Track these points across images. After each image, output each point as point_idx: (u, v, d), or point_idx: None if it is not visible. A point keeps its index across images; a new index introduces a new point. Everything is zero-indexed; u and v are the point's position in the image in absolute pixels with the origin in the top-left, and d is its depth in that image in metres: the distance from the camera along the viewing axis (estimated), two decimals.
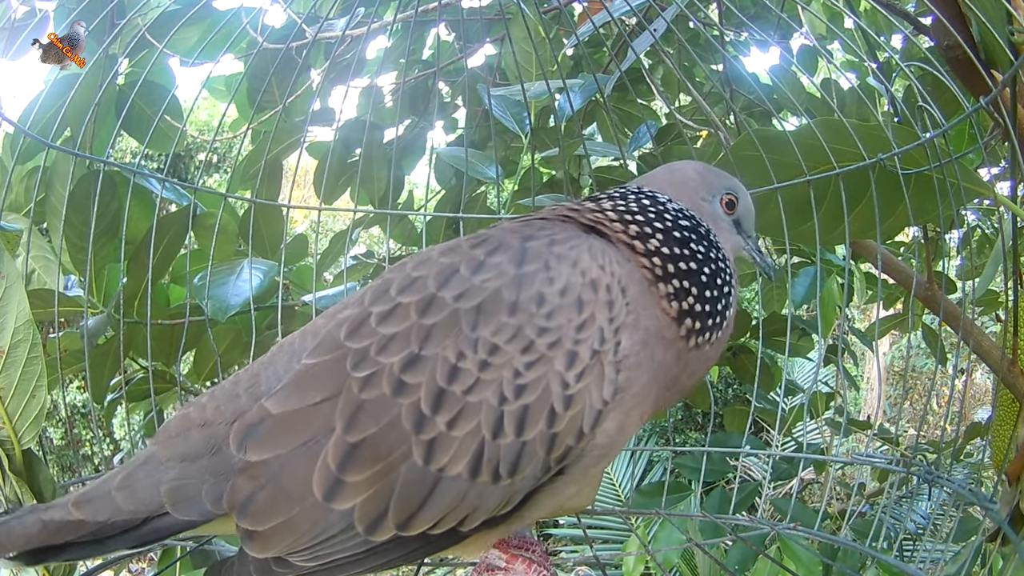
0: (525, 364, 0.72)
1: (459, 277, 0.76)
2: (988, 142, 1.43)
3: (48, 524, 0.75)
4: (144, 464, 0.78)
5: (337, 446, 0.71)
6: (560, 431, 0.73)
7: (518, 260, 0.77)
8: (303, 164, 2.37)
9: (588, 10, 1.76)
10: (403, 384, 0.72)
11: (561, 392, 0.73)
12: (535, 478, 0.75)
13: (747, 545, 1.56)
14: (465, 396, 0.72)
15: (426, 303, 0.75)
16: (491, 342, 0.73)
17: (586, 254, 0.78)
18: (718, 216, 0.96)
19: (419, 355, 0.73)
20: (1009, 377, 1.25)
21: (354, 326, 0.77)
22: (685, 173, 0.97)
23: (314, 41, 1.62)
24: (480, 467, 0.72)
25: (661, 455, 4.61)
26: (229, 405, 0.79)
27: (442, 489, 0.72)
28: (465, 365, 0.72)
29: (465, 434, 0.71)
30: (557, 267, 0.76)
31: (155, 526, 0.75)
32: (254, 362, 0.86)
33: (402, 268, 0.82)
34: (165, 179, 1.55)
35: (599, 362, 0.74)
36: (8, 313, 1.06)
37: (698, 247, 0.85)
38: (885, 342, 7.18)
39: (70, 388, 6.07)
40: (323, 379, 0.75)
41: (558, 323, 0.74)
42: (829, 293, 2.30)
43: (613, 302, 0.76)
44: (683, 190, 0.95)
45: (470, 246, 0.81)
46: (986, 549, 1.21)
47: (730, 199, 0.96)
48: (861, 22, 1.56)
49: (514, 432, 0.72)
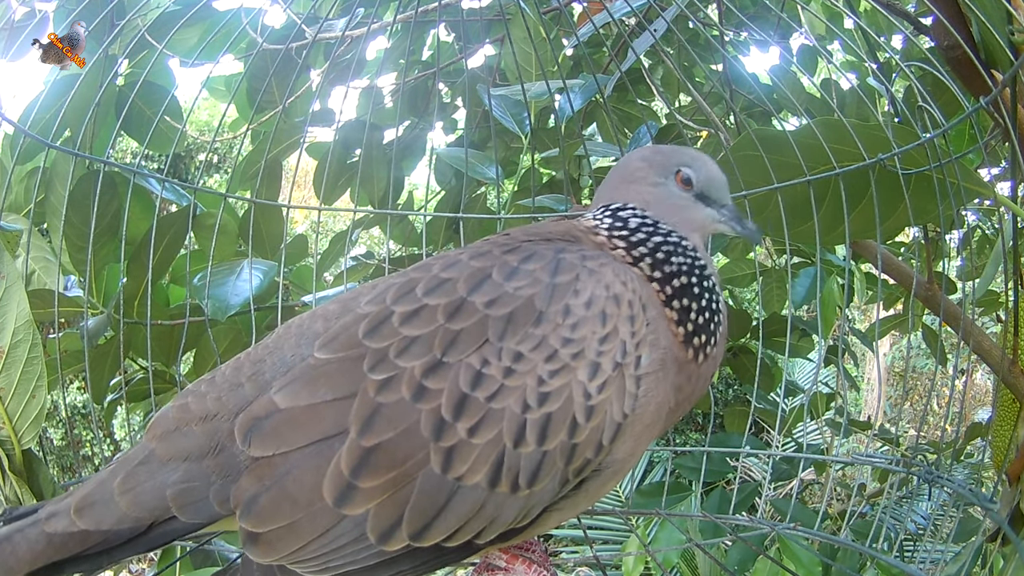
0: (549, 372, 0.72)
1: (491, 283, 0.75)
2: (988, 142, 1.43)
3: (53, 538, 0.73)
4: (144, 463, 0.76)
5: (351, 450, 0.70)
6: (580, 442, 0.73)
7: (552, 270, 0.76)
8: (303, 164, 2.37)
9: (588, 10, 1.76)
10: (424, 389, 0.71)
11: (584, 403, 0.73)
12: (553, 492, 0.74)
13: (747, 545, 1.56)
14: (488, 403, 0.71)
15: (455, 307, 0.74)
16: (516, 350, 0.72)
17: (610, 271, 0.78)
18: (675, 196, 0.91)
19: (442, 360, 0.72)
20: (1009, 377, 1.25)
21: (374, 324, 0.75)
22: (630, 165, 0.94)
23: (314, 41, 1.61)
24: (500, 476, 0.71)
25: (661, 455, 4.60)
26: (231, 395, 0.77)
27: (459, 498, 0.71)
28: (490, 372, 0.71)
29: (486, 442, 0.71)
30: (586, 280, 0.76)
31: (162, 531, 0.74)
32: (256, 346, 0.84)
33: (428, 269, 0.80)
34: (165, 179, 1.55)
35: (621, 375, 0.74)
36: (8, 313, 1.06)
37: (692, 269, 0.85)
38: (885, 342, 7.18)
39: (70, 388, 6.07)
40: (337, 377, 0.73)
41: (582, 334, 0.74)
42: (829, 293, 2.30)
43: (635, 317, 0.77)
44: (632, 185, 0.92)
45: (502, 252, 0.80)
46: (986, 549, 1.21)
47: (685, 174, 0.91)
48: (861, 22, 1.56)
49: (536, 441, 0.71)
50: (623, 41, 2.04)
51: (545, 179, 2.58)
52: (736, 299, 3.32)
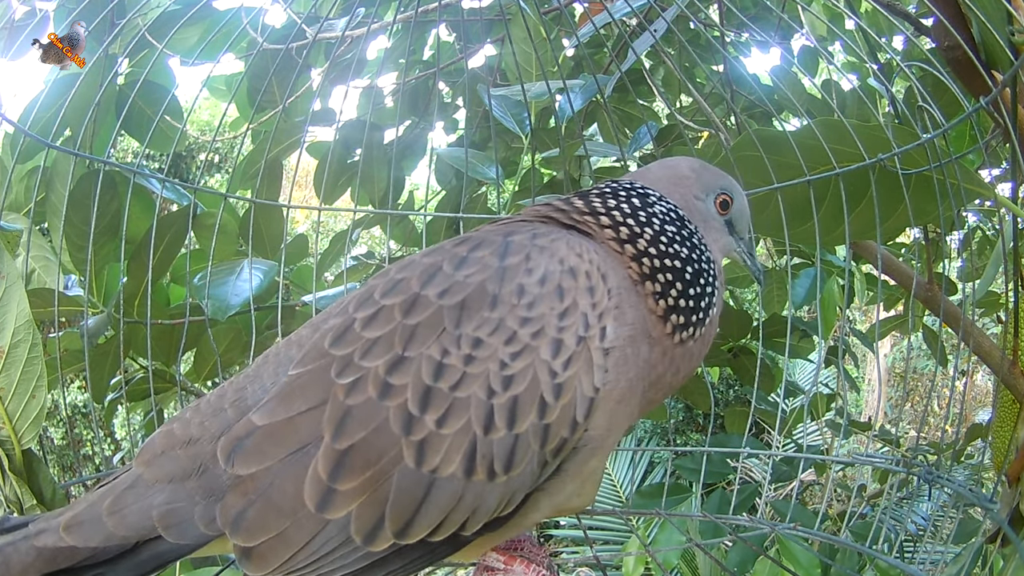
0: (510, 355, 0.72)
1: (442, 274, 0.76)
2: (988, 142, 1.43)
3: (42, 552, 0.73)
4: (132, 487, 0.76)
5: (327, 454, 0.70)
6: (552, 421, 0.73)
7: (501, 253, 0.77)
8: (303, 164, 2.37)
9: (589, 11, 1.76)
10: (389, 386, 0.72)
11: (550, 381, 0.72)
12: (532, 475, 0.74)
13: (747, 546, 1.56)
14: (452, 392, 0.71)
15: (410, 303, 0.75)
16: (474, 336, 0.72)
17: (563, 244, 0.78)
18: (710, 215, 0.95)
19: (403, 356, 0.72)
20: (1010, 378, 1.25)
21: (338, 334, 0.76)
22: (680, 170, 0.96)
23: (314, 41, 1.61)
24: (474, 465, 0.71)
25: (662, 456, 4.61)
26: (214, 420, 0.78)
27: (437, 491, 0.71)
28: (450, 361, 0.72)
29: (455, 432, 0.71)
30: (537, 258, 0.77)
31: (152, 551, 0.74)
32: (239, 374, 0.85)
33: (386, 274, 0.81)
34: (165, 179, 1.55)
35: (586, 348, 0.74)
36: (8, 313, 1.06)
37: (682, 247, 0.85)
38: (886, 343, 7.18)
39: (71, 388, 6.07)
40: (308, 388, 0.74)
41: (540, 312, 0.74)
42: (829, 294, 2.30)
43: (594, 288, 0.76)
44: (677, 187, 0.94)
45: (453, 245, 0.81)
46: (987, 550, 1.21)
47: (724, 199, 0.95)
48: (862, 23, 1.56)
49: (505, 425, 0.71)
50: (624, 41, 2.04)
51: (546, 179, 2.58)
52: (736, 299, 3.32)
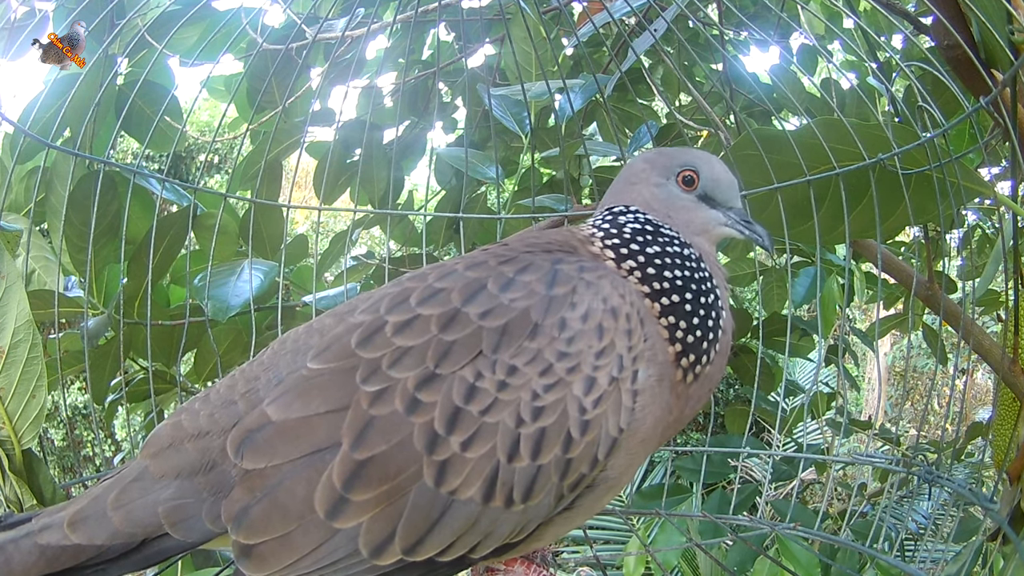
0: (544, 387, 0.71)
1: (486, 293, 0.75)
2: (988, 142, 1.43)
3: (46, 550, 0.72)
4: (138, 480, 0.75)
5: (344, 462, 0.69)
6: (575, 457, 0.72)
7: (549, 282, 0.75)
8: (303, 164, 2.37)
9: (588, 10, 1.75)
10: (417, 402, 0.70)
11: (579, 417, 0.72)
12: (548, 507, 0.73)
13: (747, 545, 1.56)
14: (482, 416, 0.70)
15: (448, 318, 0.73)
16: (511, 363, 0.71)
17: (608, 283, 0.77)
18: (675, 197, 0.90)
19: (435, 373, 0.71)
20: (1010, 376, 1.25)
21: (367, 334, 0.74)
22: (634, 168, 0.94)
23: (314, 41, 1.62)
24: (494, 491, 0.70)
25: (662, 456, 4.60)
26: (224, 412, 0.77)
27: (453, 513, 0.70)
28: (483, 385, 0.71)
29: (480, 456, 0.70)
30: (583, 292, 0.75)
31: (157, 548, 0.73)
32: (251, 362, 0.83)
33: (423, 278, 0.79)
34: (165, 179, 1.55)
35: (617, 389, 0.73)
36: (8, 313, 1.06)
37: (687, 285, 0.82)
38: (886, 342, 7.18)
39: (71, 389, 6.08)
40: (330, 389, 0.72)
41: (578, 348, 0.73)
42: (829, 293, 2.30)
43: (632, 331, 0.75)
44: (636, 185, 0.92)
45: (497, 262, 0.79)
46: (987, 549, 1.21)
47: (687, 174, 0.90)
48: (861, 22, 1.56)
49: (529, 456, 0.71)
50: (623, 41, 2.04)
51: (545, 179, 2.58)
52: (737, 299, 3.32)
